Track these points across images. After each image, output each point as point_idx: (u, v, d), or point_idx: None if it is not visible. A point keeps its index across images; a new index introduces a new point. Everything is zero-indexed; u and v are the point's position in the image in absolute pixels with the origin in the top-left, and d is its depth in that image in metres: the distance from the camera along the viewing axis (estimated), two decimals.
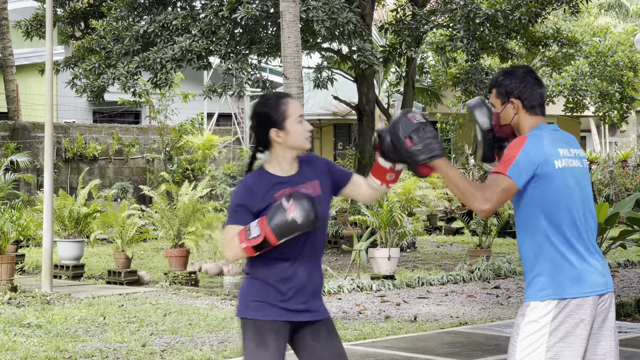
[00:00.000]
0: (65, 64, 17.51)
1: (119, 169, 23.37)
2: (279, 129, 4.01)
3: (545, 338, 3.91)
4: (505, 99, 4.12)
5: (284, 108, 4.01)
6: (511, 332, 4.07)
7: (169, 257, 12.93)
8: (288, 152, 4.06)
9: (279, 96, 4.07)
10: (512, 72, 4.15)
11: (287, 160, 4.07)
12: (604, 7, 39.91)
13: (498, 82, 4.16)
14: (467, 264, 13.59)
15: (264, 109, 4.04)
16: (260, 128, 4.04)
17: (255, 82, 15.50)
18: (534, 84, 4.14)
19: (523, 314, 3.99)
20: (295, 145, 4.04)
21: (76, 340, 8.57)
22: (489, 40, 16.63)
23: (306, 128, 4.05)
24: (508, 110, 4.12)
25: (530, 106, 4.10)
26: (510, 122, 4.13)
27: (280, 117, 4.00)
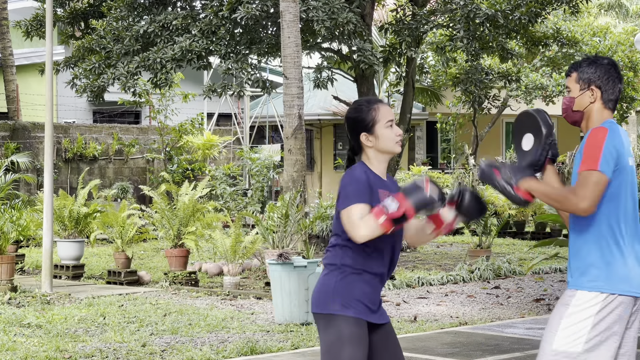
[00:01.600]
0: (65, 64, 17.50)
1: (119, 169, 23.37)
2: (369, 133, 4.10)
3: (587, 330, 3.91)
4: (586, 86, 4.09)
5: (374, 113, 4.11)
6: (550, 318, 4.05)
7: (169, 257, 12.93)
8: (380, 156, 4.14)
9: (369, 101, 4.17)
10: (596, 61, 4.12)
11: (381, 164, 4.15)
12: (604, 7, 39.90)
13: (581, 68, 4.13)
14: (467, 264, 13.59)
15: (355, 114, 4.15)
16: (352, 133, 4.15)
17: (255, 82, 15.50)
18: (617, 77, 4.12)
19: (567, 303, 3.99)
20: (385, 149, 4.12)
21: (76, 340, 8.57)
22: (489, 40, 16.62)
23: (396, 132, 4.13)
24: (585, 97, 4.10)
25: (608, 99, 4.09)
26: (584, 110, 4.11)
27: (370, 122, 4.10)
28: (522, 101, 26.88)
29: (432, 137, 31.24)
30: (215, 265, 13.61)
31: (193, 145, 23.42)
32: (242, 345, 8.20)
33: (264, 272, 12.90)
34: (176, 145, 23.54)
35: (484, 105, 23.01)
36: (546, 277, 13.35)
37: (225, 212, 17.50)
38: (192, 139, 23.29)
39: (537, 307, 10.78)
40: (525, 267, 13.56)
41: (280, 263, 9.82)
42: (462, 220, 4.21)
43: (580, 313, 3.94)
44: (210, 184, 19.07)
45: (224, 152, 25.16)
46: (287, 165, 13.00)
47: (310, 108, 25.59)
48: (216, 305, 10.75)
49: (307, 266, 9.73)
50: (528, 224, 20.43)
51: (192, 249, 13.01)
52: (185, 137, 23.32)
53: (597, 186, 3.90)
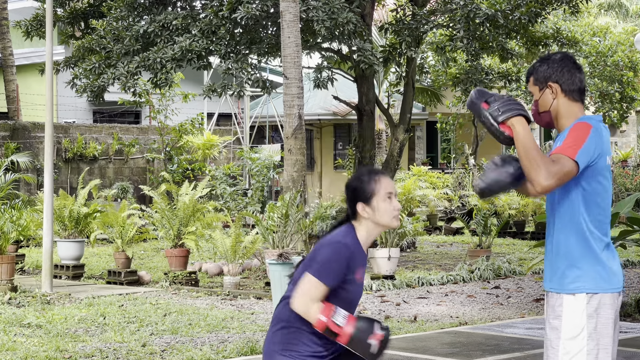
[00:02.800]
0: (65, 64, 17.50)
1: (119, 169, 23.37)
2: (366, 204, 4.04)
3: (585, 341, 3.86)
4: (543, 85, 4.03)
5: (374, 185, 4.05)
6: (548, 333, 3.96)
7: (169, 257, 12.93)
8: (374, 228, 4.07)
9: (372, 171, 4.12)
10: (548, 58, 4.06)
11: (372, 237, 4.10)
12: (604, 7, 39.90)
13: (535, 69, 4.07)
14: (467, 264, 13.60)
15: (355, 182, 4.09)
16: (350, 201, 4.09)
17: (255, 82, 15.50)
18: (572, 67, 4.03)
19: (559, 315, 3.91)
20: (381, 222, 4.05)
21: (76, 340, 8.57)
22: (489, 40, 16.62)
23: (395, 207, 4.06)
24: (546, 96, 4.03)
25: (570, 90, 4.00)
26: (549, 108, 4.04)
27: (369, 193, 4.04)
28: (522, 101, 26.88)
29: (432, 137, 31.25)
30: (216, 265, 13.61)
31: (193, 145, 23.42)
32: (242, 345, 8.21)
33: (264, 272, 12.90)
34: (176, 145, 23.54)
35: None
36: None
37: (225, 212, 17.51)
38: (192, 139, 23.29)
39: (537, 307, 10.78)
40: (525, 267, 13.57)
41: (280, 263, 9.82)
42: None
43: (574, 321, 3.87)
44: (210, 184, 19.08)
45: (224, 152, 25.17)
46: (287, 165, 13.00)
47: (310, 108, 25.59)
48: (216, 305, 10.75)
49: None
50: (528, 224, 20.44)
51: (192, 249, 13.01)
52: (185, 137, 23.33)
53: (567, 174, 3.83)
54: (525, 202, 19.53)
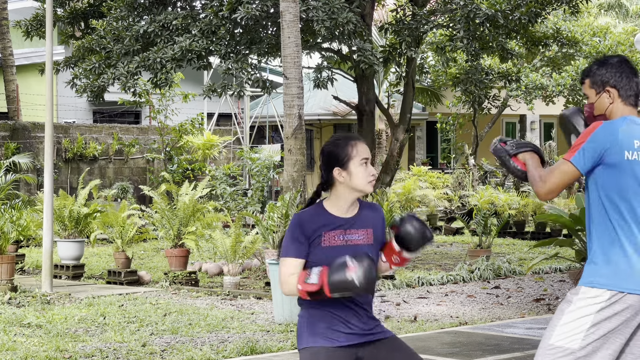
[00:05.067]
0: (65, 64, 17.50)
1: (119, 169, 23.37)
2: (342, 168, 4.07)
3: (586, 327, 3.86)
4: (601, 89, 4.03)
5: (350, 149, 4.08)
6: (554, 314, 4.02)
7: (169, 257, 12.93)
8: (349, 194, 4.10)
9: (347, 137, 4.15)
10: (606, 61, 4.05)
11: (347, 202, 4.11)
12: (604, 7, 39.89)
13: (592, 72, 4.06)
14: (467, 264, 13.59)
15: (331, 147, 4.13)
16: (325, 166, 4.13)
17: (255, 82, 15.50)
18: (630, 72, 4.03)
19: (570, 300, 3.95)
20: (356, 186, 4.08)
21: (76, 340, 8.57)
22: (489, 40, 16.62)
23: (370, 172, 4.09)
24: (603, 100, 4.03)
25: (627, 95, 4.01)
26: (605, 112, 4.04)
27: (344, 157, 4.07)
28: (522, 101, 26.89)
29: (432, 137, 31.25)
30: (216, 265, 13.61)
31: (193, 145, 23.42)
32: (242, 345, 8.21)
33: (264, 272, 12.90)
34: (176, 145, 23.55)
35: (484, 105, 23.03)
36: (546, 277, 13.35)
37: (225, 212, 17.51)
38: (192, 139, 23.30)
39: (537, 307, 10.78)
40: (525, 267, 13.56)
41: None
42: (406, 251, 4.13)
43: (581, 310, 3.89)
44: (210, 184, 19.08)
45: (224, 152, 25.17)
46: (287, 165, 13.00)
47: (310, 108, 25.60)
48: (216, 305, 10.75)
49: None
50: (528, 224, 20.43)
51: (192, 249, 13.01)
52: (185, 137, 23.33)
53: (563, 175, 3.89)
54: (525, 202, 19.53)
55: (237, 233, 11.96)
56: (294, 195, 12.22)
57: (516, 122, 32.44)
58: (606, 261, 3.91)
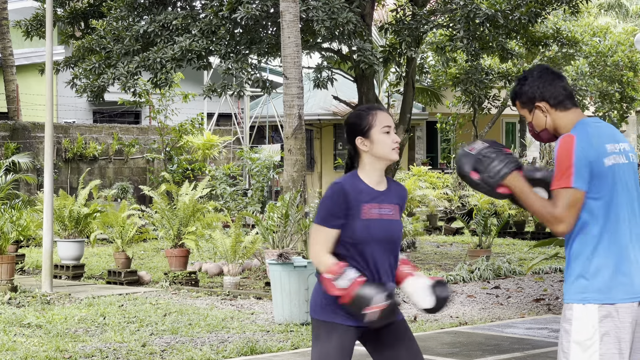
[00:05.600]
0: (65, 64, 17.50)
1: (119, 169, 23.37)
2: (365, 137, 4.11)
3: (597, 345, 3.76)
4: (531, 106, 3.97)
5: (371, 118, 4.12)
6: (559, 341, 3.90)
7: (169, 257, 12.93)
8: (376, 163, 4.12)
9: (369, 107, 4.19)
10: (525, 77, 3.99)
11: (376, 172, 4.14)
12: (604, 7, 39.89)
13: (517, 92, 4.00)
14: (467, 264, 13.59)
15: (353, 118, 4.17)
16: (349, 136, 4.17)
17: (255, 82, 15.50)
18: (553, 79, 3.95)
19: (569, 319, 3.84)
20: (380, 154, 4.11)
21: (76, 340, 8.57)
22: (489, 40, 16.62)
23: (393, 139, 4.12)
24: (538, 116, 3.96)
25: (558, 102, 3.93)
26: (546, 126, 3.96)
27: (366, 126, 4.11)
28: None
29: (432, 137, 31.25)
30: (215, 265, 13.61)
31: (193, 145, 23.42)
32: (242, 345, 8.21)
33: (264, 272, 12.90)
34: (176, 145, 23.54)
35: (484, 105, 23.02)
36: (546, 277, 13.35)
37: (225, 212, 17.51)
38: (192, 139, 23.29)
39: (537, 307, 10.78)
40: (525, 267, 13.57)
41: (280, 263, 9.82)
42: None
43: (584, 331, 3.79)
44: (210, 184, 19.08)
45: (224, 152, 25.16)
46: (287, 165, 13.00)
47: (310, 108, 25.60)
48: (216, 305, 10.75)
49: (307, 266, 9.73)
50: (528, 224, 20.44)
51: (192, 249, 13.01)
52: (185, 137, 23.32)
53: (575, 204, 3.77)
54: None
55: (237, 233, 11.96)
56: (294, 195, 12.22)
57: (516, 122, 32.43)
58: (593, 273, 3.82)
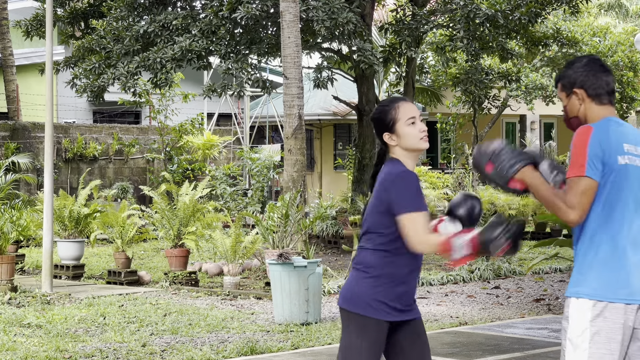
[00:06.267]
0: (65, 64, 17.51)
1: (119, 169, 23.37)
2: (391, 132, 4.11)
3: (587, 344, 3.77)
4: (569, 90, 3.96)
5: (394, 112, 4.11)
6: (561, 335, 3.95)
7: (169, 257, 12.93)
8: (408, 154, 4.13)
9: (392, 100, 4.18)
10: (573, 62, 3.98)
11: (412, 161, 4.13)
12: (604, 7, 39.89)
13: (562, 75, 4.00)
14: (467, 264, 13.59)
15: (377, 114, 4.17)
16: (377, 133, 4.18)
17: (255, 82, 15.50)
18: (598, 71, 3.94)
19: (566, 316, 3.86)
20: (409, 146, 4.11)
21: (76, 340, 8.57)
22: (489, 40, 16.62)
23: (420, 129, 4.11)
24: (573, 102, 3.96)
25: (595, 94, 3.92)
26: (578, 114, 3.96)
27: (390, 121, 4.11)
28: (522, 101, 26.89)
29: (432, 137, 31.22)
30: (216, 265, 13.61)
31: (193, 145, 23.41)
32: (242, 345, 8.21)
33: (264, 272, 12.90)
34: (176, 145, 23.54)
35: (484, 105, 23.02)
36: (546, 277, 13.35)
37: (225, 212, 17.50)
38: (192, 139, 23.29)
39: (537, 307, 10.78)
40: (525, 267, 13.57)
41: (280, 263, 9.82)
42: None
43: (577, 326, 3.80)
44: (210, 184, 19.07)
45: (224, 152, 25.16)
46: (287, 165, 13.00)
47: (310, 108, 25.59)
48: (216, 305, 10.75)
49: (307, 266, 9.73)
50: (528, 224, 20.43)
51: (192, 249, 13.01)
52: (185, 137, 23.32)
53: (586, 194, 3.77)
54: (525, 202, 19.53)
55: (237, 233, 11.96)
56: (294, 195, 12.22)
57: (516, 122, 32.44)
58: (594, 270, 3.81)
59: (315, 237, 16.58)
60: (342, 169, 25.60)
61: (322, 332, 9.02)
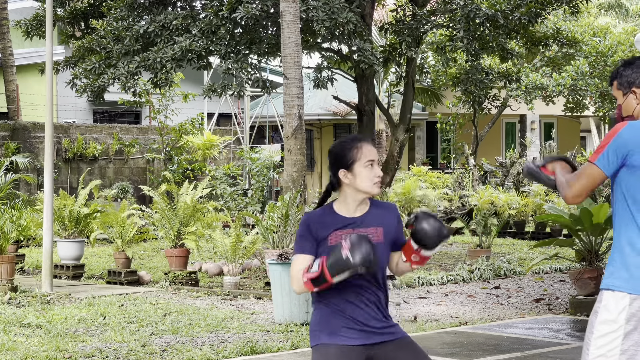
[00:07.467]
0: (65, 64, 17.50)
1: (119, 169, 23.37)
2: (348, 170, 4.12)
3: (620, 340, 3.79)
4: (627, 90, 3.98)
5: (356, 151, 4.12)
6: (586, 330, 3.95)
7: (169, 257, 12.93)
8: (356, 194, 4.14)
9: (353, 139, 4.19)
10: (633, 62, 4.00)
11: (355, 202, 4.15)
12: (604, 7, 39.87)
13: (619, 73, 4.02)
14: (467, 264, 13.59)
15: (337, 149, 4.18)
16: (332, 167, 4.18)
17: (255, 82, 15.50)
18: None
19: (596, 311, 3.88)
20: (361, 188, 4.12)
21: (76, 340, 8.57)
22: (489, 40, 16.62)
23: (375, 173, 4.13)
24: (630, 101, 3.98)
25: None
26: (633, 113, 3.98)
27: (350, 159, 4.11)
28: (522, 101, 26.89)
29: (432, 137, 31.25)
30: (216, 265, 13.61)
31: (193, 145, 23.42)
32: (242, 345, 8.21)
33: (264, 272, 12.90)
34: (176, 145, 23.54)
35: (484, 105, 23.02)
36: (546, 277, 13.35)
37: (225, 212, 17.50)
38: (192, 139, 23.29)
39: (537, 307, 10.78)
40: (525, 267, 13.57)
41: (280, 263, 9.82)
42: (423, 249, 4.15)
43: (610, 324, 3.82)
44: (210, 184, 19.08)
45: (224, 152, 25.16)
46: (287, 165, 13.00)
47: (310, 108, 25.60)
48: (216, 305, 10.75)
49: None
50: (528, 224, 20.44)
51: (192, 249, 13.01)
52: (186, 137, 23.32)
53: (588, 178, 3.85)
54: (525, 202, 19.53)
55: (237, 233, 11.96)
56: (294, 195, 12.22)
57: (516, 122, 32.45)
58: (625, 263, 3.86)
59: None
60: None
61: None
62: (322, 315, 4.10)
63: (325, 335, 4.06)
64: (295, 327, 9.29)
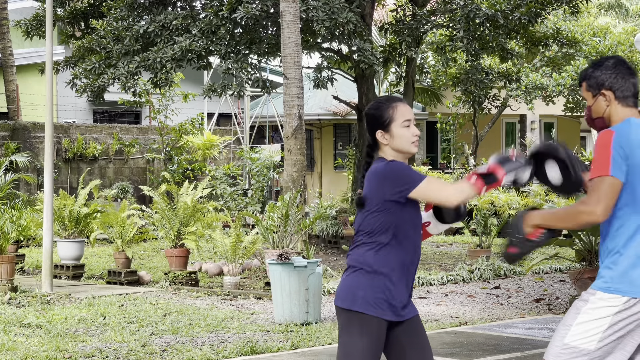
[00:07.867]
0: (65, 64, 17.51)
1: (119, 169, 23.37)
2: (385, 131, 4.12)
3: (603, 328, 3.81)
4: (597, 91, 3.99)
5: (392, 111, 4.12)
6: (567, 312, 3.97)
7: (169, 257, 12.93)
8: (396, 155, 4.14)
9: (389, 99, 4.19)
10: (601, 63, 4.01)
11: None
12: (604, 7, 39.88)
13: (588, 75, 4.02)
14: (467, 264, 13.59)
15: (373, 110, 4.17)
16: (370, 129, 4.17)
17: (255, 82, 15.51)
18: (626, 73, 3.99)
19: (586, 299, 3.89)
20: (400, 148, 4.12)
21: (76, 340, 8.57)
22: (489, 40, 16.63)
23: (413, 132, 4.12)
24: (600, 103, 3.99)
25: (623, 97, 3.96)
26: (603, 115, 3.99)
27: (386, 119, 4.11)
28: (522, 101, 26.89)
29: (432, 137, 31.24)
30: (216, 265, 13.61)
31: (193, 145, 23.41)
32: (242, 345, 8.21)
33: (264, 272, 12.90)
34: (176, 145, 23.54)
35: (484, 105, 23.03)
36: (546, 277, 13.35)
37: (225, 212, 17.50)
38: (192, 139, 23.29)
39: (537, 307, 10.78)
40: (525, 267, 13.57)
41: (280, 263, 9.82)
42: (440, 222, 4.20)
43: (598, 310, 3.84)
44: (210, 184, 19.08)
45: (224, 152, 25.16)
46: (287, 165, 13.00)
47: (310, 108, 25.58)
48: (216, 305, 10.75)
49: (307, 266, 9.73)
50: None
51: (192, 249, 13.01)
52: (186, 137, 23.32)
53: (611, 189, 3.80)
54: (526, 202, 19.52)
55: (237, 233, 11.96)
56: (294, 195, 12.22)
57: (516, 122, 32.45)
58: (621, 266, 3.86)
59: (315, 237, 16.58)
60: (342, 169, 25.60)
61: (322, 332, 9.02)
62: (371, 281, 4.05)
63: (369, 305, 4.03)
64: (295, 327, 9.29)
